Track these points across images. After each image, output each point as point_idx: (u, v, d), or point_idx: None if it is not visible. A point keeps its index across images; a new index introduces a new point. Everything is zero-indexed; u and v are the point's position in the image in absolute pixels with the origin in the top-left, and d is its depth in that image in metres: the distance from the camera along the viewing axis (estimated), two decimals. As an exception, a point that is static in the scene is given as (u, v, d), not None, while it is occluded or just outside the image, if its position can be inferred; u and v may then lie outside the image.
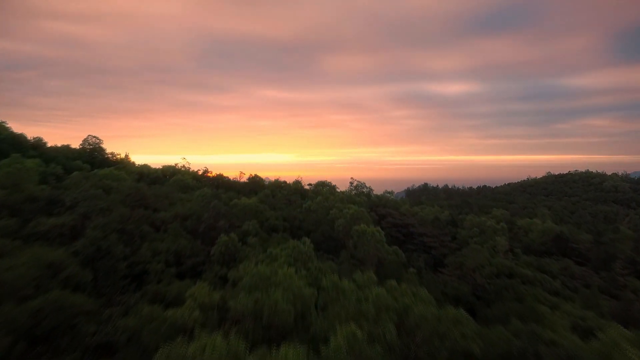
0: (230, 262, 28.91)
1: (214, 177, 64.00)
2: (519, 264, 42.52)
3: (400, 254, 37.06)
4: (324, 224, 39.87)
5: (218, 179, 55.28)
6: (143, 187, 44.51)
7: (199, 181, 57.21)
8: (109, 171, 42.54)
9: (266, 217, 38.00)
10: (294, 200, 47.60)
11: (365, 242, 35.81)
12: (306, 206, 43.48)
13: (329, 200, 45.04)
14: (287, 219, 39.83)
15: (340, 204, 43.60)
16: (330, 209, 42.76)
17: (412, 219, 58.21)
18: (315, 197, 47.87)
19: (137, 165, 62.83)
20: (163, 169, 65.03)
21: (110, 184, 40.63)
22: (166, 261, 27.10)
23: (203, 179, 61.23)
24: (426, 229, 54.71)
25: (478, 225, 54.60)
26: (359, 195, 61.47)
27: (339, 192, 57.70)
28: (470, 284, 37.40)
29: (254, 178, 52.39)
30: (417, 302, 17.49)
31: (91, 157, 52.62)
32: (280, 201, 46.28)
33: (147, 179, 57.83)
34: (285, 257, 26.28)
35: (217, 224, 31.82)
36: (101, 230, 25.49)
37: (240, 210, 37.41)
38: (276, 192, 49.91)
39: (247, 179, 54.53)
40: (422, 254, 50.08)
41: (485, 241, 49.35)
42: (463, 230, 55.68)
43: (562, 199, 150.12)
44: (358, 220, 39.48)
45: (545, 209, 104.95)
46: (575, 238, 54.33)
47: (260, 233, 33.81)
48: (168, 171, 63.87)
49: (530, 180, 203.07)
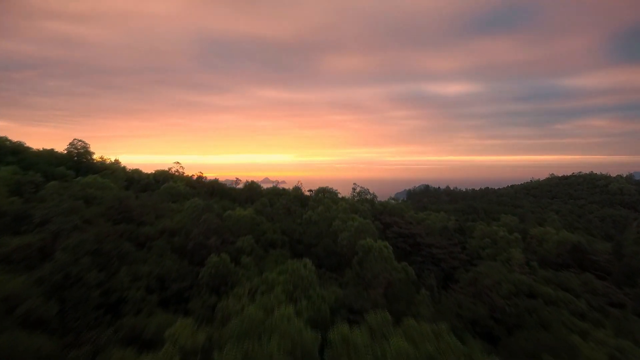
0: (221, 286, 25.62)
1: (208, 183, 60.78)
2: (537, 279, 39.20)
3: (410, 271, 33.79)
4: (326, 237, 36.59)
5: (213, 185, 52.00)
6: (129, 197, 41.27)
7: (193, 187, 53.93)
8: (93, 179, 39.22)
9: (263, 230, 34.71)
10: (294, 209, 44.33)
11: (372, 259, 32.53)
12: (306, 217, 40.21)
13: (331, 210, 41.75)
14: (286, 231, 36.55)
15: (344, 215, 40.33)
16: (333, 220, 39.50)
17: (419, 228, 54.94)
18: (316, 206, 44.60)
19: (128, 170, 59.57)
20: (155, 174, 61.77)
21: (93, 193, 37.34)
22: (148, 287, 23.78)
23: (197, 185, 57.97)
24: (434, 239, 51.43)
25: (489, 235, 51.30)
26: (363, 202, 58.22)
27: (341, 200, 54.48)
28: (487, 304, 34.20)
29: (250, 185, 49.06)
30: (441, 350, 14.36)
31: (77, 162, 49.30)
32: (278, 211, 42.98)
33: (137, 185, 54.56)
34: (283, 284, 23.03)
35: (207, 241, 28.51)
36: (72, 253, 22.18)
37: (235, 223, 34.12)
38: (274, 201, 46.62)
39: (244, 185, 51.17)
40: (431, 266, 46.85)
41: (499, 253, 46.09)
42: (473, 240, 52.37)
43: (567, 202, 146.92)
44: (363, 234, 36.19)
45: (553, 213, 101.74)
46: (594, 249, 51.06)
47: (256, 250, 30.51)
48: (160, 176, 60.60)
49: (533, 182, 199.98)
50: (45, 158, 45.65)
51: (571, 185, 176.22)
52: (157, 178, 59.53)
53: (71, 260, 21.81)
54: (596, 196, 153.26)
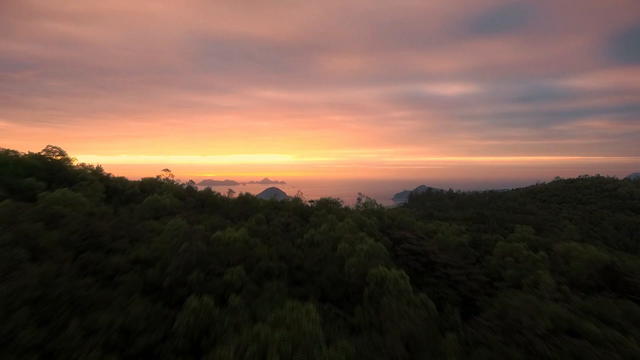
0: (202, 339, 20.45)
1: (199, 194, 55.63)
2: (573, 309, 34.06)
3: (431, 306, 28.67)
4: (330, 263, 31.42)
5: (203, 198, 46.83)
6: (104, 214, 36.11)
7: (182, 199, 48.74)
8: (61, 193, 34.01)
9: (257, 256, 29.52)
10: (294, 227, 39.15)
11: (386, 293, 27.36)
12: (308, 237, 35.09)
13: (336, 228, 36.57)
14: (285, 256, 31.37)
15: (350, 235, 35.16)
16: (338, 241, 34.35)
17: (432, 243, 49.83)
18: (318, 222, 39.41)
19: (112, 178, 54.36)
20: (142, 182, 56.56)
21: (60, 211, 32.13)
22: (106, 343, 18.57)
23: (188, 195, 52.78)
24: (450, 257, 46.33)
25: (511, 252, 46.13)
26: (369, 214, 53.08)
27: (346, 212, 49.30)
28: (523, 345, 29.13)
29: (245, 198, 43.89)
30: None
31: (50, 172, 44.11)
32: (276, 228, 37.80)
33: (121, 196, 49.38)
34: (279, 341, 17.88)
35: (187, 276, 23.33)
36: (3, 306, 17.02)
37: (224, 248, 28.95)
38: (272, 216, 41.46)
39: (238, 197, 45.99)
40: (447, 289, 41.69)
41: (524, 275, 41.03)
42: (493, 259, 47.21)
43: (576, 207, 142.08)
44: (374, 259, 31.03)
45: (566, 220, 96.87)
46: (628, 268, 45.89)
47: (247, 284, 25.33)
48: (147, 185, 55.41)
49: (539, 185, 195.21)
50: (12, 168, 40.37)
51: (578, 189, 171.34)
52: (144, 187, 54.34)
53: (1, 313, 16.65)
54: (606, 200, 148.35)
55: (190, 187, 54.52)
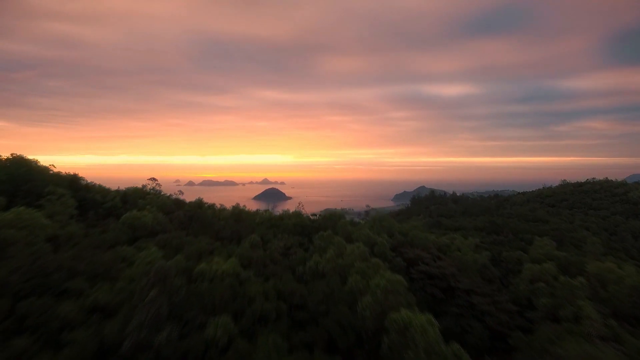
0: None
1: (187, 209, 50.03)
2: (629, 353, 28.60)
3: (465, 358, 23.24)
4: (339, 301, 25.81)
5: (192, 212, 41.17)
6: (70, 238, 30.54)
7: (167, 213, 43.12)
8: (15, 214, 28.35)
9: (250, 296, 23.91)
10: (294, 251, 33.55)
11: (410, 345, 21.80)
12: (311, 265, 29.54)
13: (345, 254, 30.95)
14: (283, 293, 25.76)
15: (362, 264, 29.58)
16: (348, 271, 28.77)
17: (450, 263, 44.25)
18: (323, 246, 33.78)
19: (89, 189, 48.68)
20: (126, 192, 50.85)
21: (13, 237, 26.55)
22: None
23: (176, 207, 47.15)
24: (472, 281, 40.82)
25: (540, 275, 40.57)
26: (378, 229, 47.53)
27: (353, 230, 43.78)
28: (580, 410, 23.72)
29: (238, 214, 38.22)
30: None
31: (15, 184, 38.47)
32: (273, 253, 32.17)
33: (99, 210, 43.72)
34: None
35: (155, 336, 17.72)
36: None
37: (208, 288, 23.34)
38: (268, 236, 35.86)
39: (232, 211, 40.30)
40: (472, 321, 36.11)
41: (561, 305, 35.53)
42: (521, 283, 41.62)
43: (587, 212, 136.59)
44: (393, 296, 25.46)
45: (584, 230, 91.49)
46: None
47: (236, 340, 19.72)
48: (131, 196, 49.71)
49: (546, 189, 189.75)
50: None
51: (587, 193, 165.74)
52: (127, 198, 48.65)
53: None
54: (617, 206, 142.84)
55: (178, 199, 48.88)
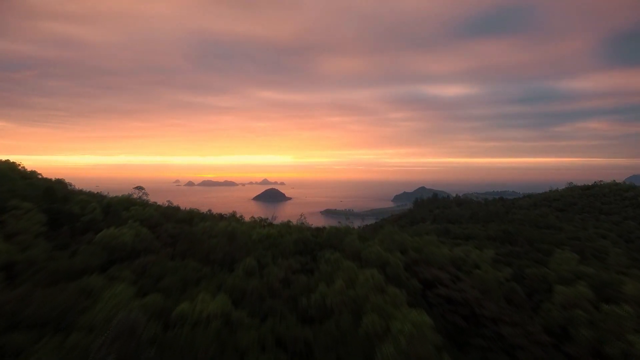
0: None
1: (182, 216, 45.18)
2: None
3: None
4: (353, 349, 20.93)
5: (179, 233, 36.21)
6: (30, 265, 25.74)
7: (153, 229, 38.22)
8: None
9: (242, 346, 19.06)
10: (296, 278, 28.64)
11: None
12: (317, 299, 24.73)
13: (357, 285, 26.04)
14: (283, 339, 20.92)
15: (378, 296, 24.74)
16: (362, 308, 23.91)
17: (471, 285, 39.42)
18: (330, 270, 28.89)
19: (71, 197, 43.83)
20: (109, 201, 45.91)
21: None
22: None
23: (164, 221, 42.28)
24: (498, 306, 36.03)
25: (575, 300, 35.71)
26: (389, 244, 42.69)
27: (362, 247, 39.02)
28: None
29: (232, 232, 33.22)
30: None
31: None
32: (272, 280, 27.30)
33: (77, 224, 38.83)
34: None
35: None
36: None
37: (189, 338, 18.46)
38: (267, 259, 30.97)
39: (224, 230, 35.25)
40: (502, 356, 31.29)
41: (606, 339, 30.76)
42: (553, 309, 36.71)
43: (599, 217, 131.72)
44: (421, 345, 20.65)
45: (600, 238, 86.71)
46: None
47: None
48: (118, 206, 44.82)
49: (553, 192, 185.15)
50: None
51: (597, 197, 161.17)
52: (109, 209, 43.72)
53: None
54: (629, 210, 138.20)
55: (170, 207, 43.89)
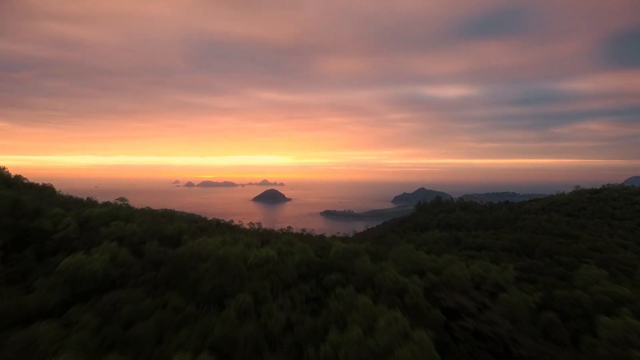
0: None
1: (171, 231, 40.11)
2: None
3: None
4: None
5: (160, 257, 31.01)
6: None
7: (134, 250, 33.00)
8: None
9: None
10: (300, 318, 23.53)
11: None
12: (328, 351, 19.66)
13: (376, 331, 20.88)
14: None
15: (405, 349, 19.66)
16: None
17: (500, 313, 34.22)
18: (342, 310, 23.73)
19: (42, 211, 38.65)
20: (88, 216, 40.71)
21: None
22: None
23: (148, 237, 37.02)
24: (536, 343, 30.80)
25: (626, 336, 30.63)
26: (404, 265, 37.65)
27: (375, 269, 34.04)
28: None
29: (223, 261, 27.73)
30: None
31: None
32: (272, 324, 22.16)
33: (47, 242, 33.64)
34: None
35: None
36: None
37: None
38: (265, 292, 25.79)
39: (214, 260, 29.45)
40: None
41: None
42: (600, 345, 31.57)
43: (611, 223, 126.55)
44: None
45: (621, 248, 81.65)
46: None
47: None
48: (95, 221, 39.63)
49: (560, 196, 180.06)
50: None
51: (606, 201, 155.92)
52: (87, 224, 38.53)
53: None
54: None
55: (153, 227, 38.44)
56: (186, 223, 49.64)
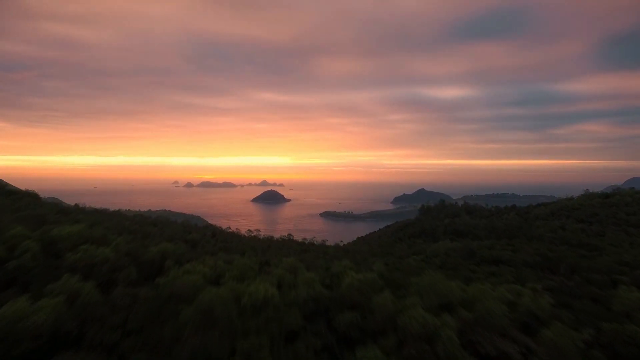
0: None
1: (147, 264, 33.76)
2: None
3: None
4: None
5: (136, 296, 24.84)
6: None
7: (104, 284, 26.69)
8: None
9: None
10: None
11: None
12: None
13: None
14: None
15: None
16: None
17: None
18: None
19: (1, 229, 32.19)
20: (55, 237, 34.31)
21: None
22: None
23: (125, 266, 30.70)
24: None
25: None
26: (430, 298, 31.25)
27: (393, 309, 27.46)
28: None
29: (207, 310, 21.93)
30: None
31: None
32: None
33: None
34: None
35: None
36: None
37: None
38: (262, 353, 19.89)
39: (202, 305, 23.55)
40: None
41: None
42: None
43: (628, 231, 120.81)
44: None
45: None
46: None
47: None
48: (65, 242, 33.30)
49: (568, 200, 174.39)
50: None
51: (619, 207, 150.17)
52: (52, 248, 32.21)
53: None
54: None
55: (133, 249, 32.34)
56: (173, 242, 42.95)
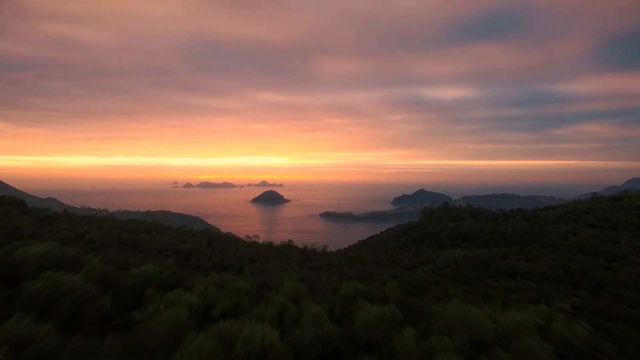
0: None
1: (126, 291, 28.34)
2: None
3: None
4: None
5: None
6: None
7: (68, 327, 21.61)
8: None
9: None
10: None
11: None
12: None
13: None
14: None
15: None
16: None
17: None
18: None
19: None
20: (19, 260, 28.87)
21: None
22: None
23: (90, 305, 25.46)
24: None
25: None
26: (459, 332, 26.04)
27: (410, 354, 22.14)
28: None
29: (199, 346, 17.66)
30: None
31: None
32: None
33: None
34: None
35: None
36: None
37: None
38: None
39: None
40: None
41: None
42: None
43: None
44: None
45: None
46: None
47: None
48: (29, 266, 27.85)
49: (576, 204, 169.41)
50: None
51: (629, 210, 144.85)
52: (9, 274, 26.77)
53: None
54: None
55: (110, 274, 28.10)
56: (164, 255, 37.37)
